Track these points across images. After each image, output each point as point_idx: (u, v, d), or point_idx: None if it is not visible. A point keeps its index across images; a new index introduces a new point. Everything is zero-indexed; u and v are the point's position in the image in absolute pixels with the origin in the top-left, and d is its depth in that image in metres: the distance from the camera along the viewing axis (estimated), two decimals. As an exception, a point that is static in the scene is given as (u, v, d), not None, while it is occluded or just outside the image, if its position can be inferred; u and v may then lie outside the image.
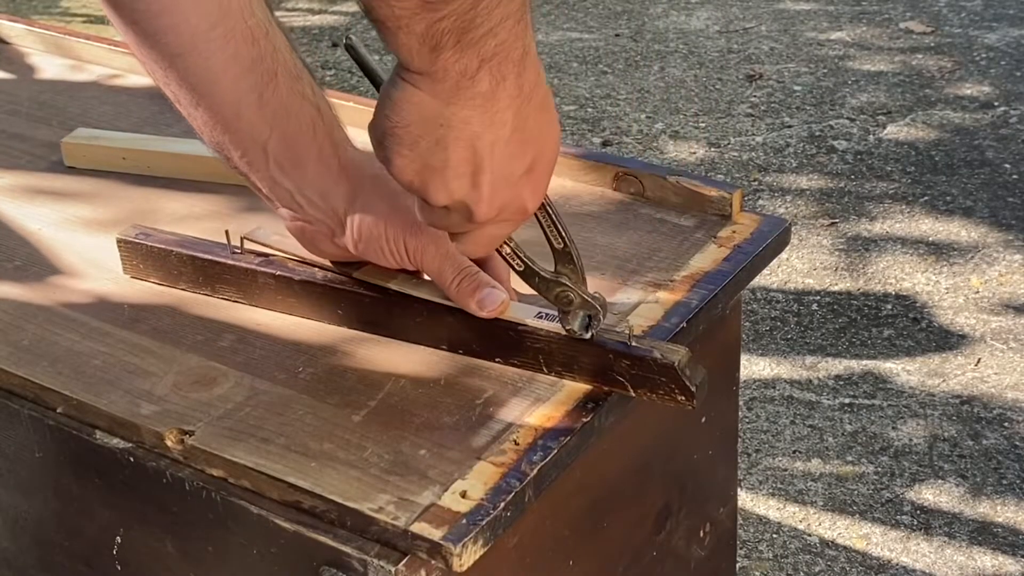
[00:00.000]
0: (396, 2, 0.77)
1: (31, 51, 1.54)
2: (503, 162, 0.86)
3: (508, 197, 0.88)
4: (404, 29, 0.79)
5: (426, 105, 0.83)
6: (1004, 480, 2.15)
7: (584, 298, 0.92)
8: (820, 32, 3.80)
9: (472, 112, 0.83)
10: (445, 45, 0.79)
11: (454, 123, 0.83)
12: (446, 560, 0.81)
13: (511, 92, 0.83)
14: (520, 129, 0.85)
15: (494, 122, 0.83)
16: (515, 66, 0.82)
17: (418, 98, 0.83)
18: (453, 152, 0.84)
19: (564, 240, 0.93)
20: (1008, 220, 2.84)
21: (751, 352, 2.48)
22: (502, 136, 0.84)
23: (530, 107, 0.85)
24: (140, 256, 1.08)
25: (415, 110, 0.83)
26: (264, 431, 0.91)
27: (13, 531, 1.05)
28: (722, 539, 1.21)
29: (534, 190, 0.89)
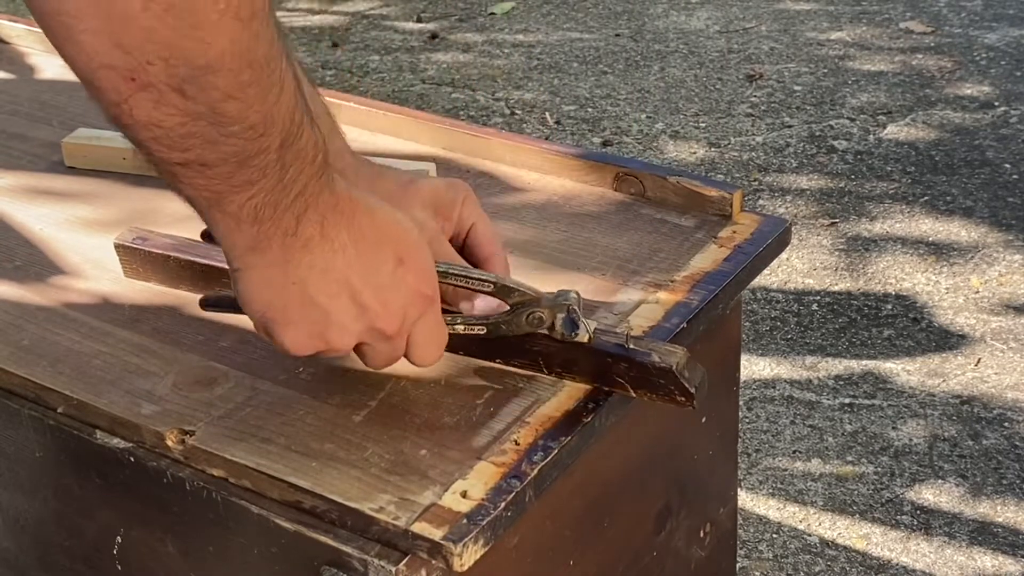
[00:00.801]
0: (201, 184, 0.78)
1: (31, 51, 1.54)
2: (371, 272, 0.86)
3: (402, 297, 0.88)
4: (216, 208, 0.79)
5: (271, 279, 0.83)
6: (1004, 480, 2.15)
7: (550, 306, 0.92)
8: (820, 32, 3.80)
9: (311, 256, 0.83)
10: (261, 218, 0.80)
11: (303, 274, 0.83)
12: (447, 560, 0.81)
13: (334, 221, 0.83)
14: (361, 240, 0.85)
15: (335, 251, 0.84)
16: (327, 203, 0.83)
17: (258, 276, 0.83)
18: (322, 299, 0.84)
19: (488, 280, 0.92)
20: (1008, 220, 2.84)
21: (751, 352, 2.48)
22: (351, 257, 0.85)
23: (359, 219, 0.85)
24: (138, 260, 1.08)
25: (265, 289, 0.84)
26: (265, 431, 0.91)
27: (13, 531, 1.05)
28: (722, 539, 1.21)
29: (418, 275, 0.88)
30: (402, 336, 0.89)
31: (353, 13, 4.14)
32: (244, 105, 0.74)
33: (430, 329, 0.90)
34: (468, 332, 0.93)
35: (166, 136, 0.74)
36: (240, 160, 0.76)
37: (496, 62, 3.73)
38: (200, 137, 0.74)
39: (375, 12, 4.14)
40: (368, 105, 1.33)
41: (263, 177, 0.78)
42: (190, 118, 0.73)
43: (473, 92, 3.56)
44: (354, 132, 1.31)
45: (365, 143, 1.30)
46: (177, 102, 0.72)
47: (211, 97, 0.72)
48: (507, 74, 3.66)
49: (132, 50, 0.69)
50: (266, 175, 0.78)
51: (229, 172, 0.77)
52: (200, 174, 0.77)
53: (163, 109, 0.72)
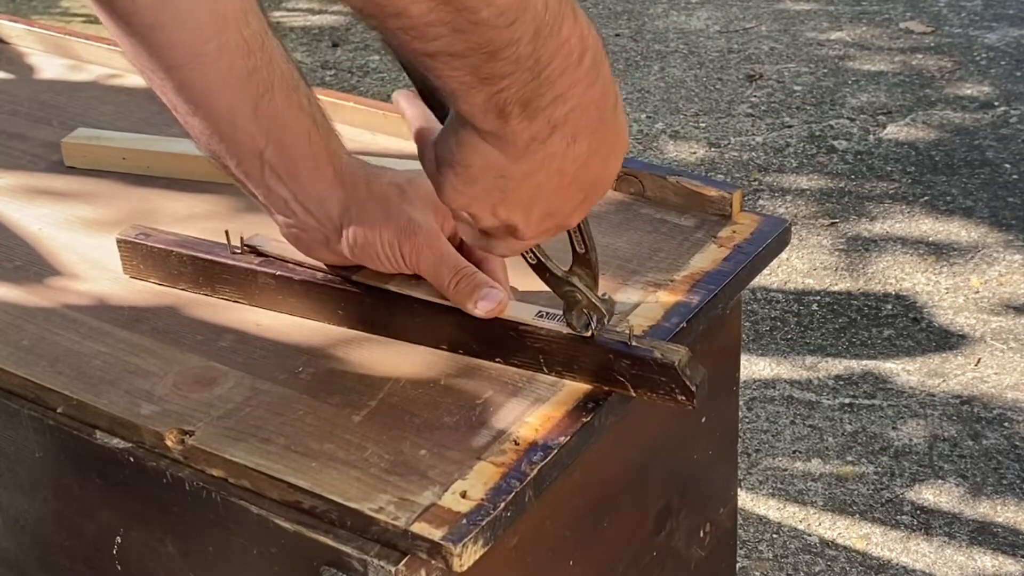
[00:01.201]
0: (450, 76, 0.74)
1: (31, 51, 1.54)
2: (559, 204, 0.84)
3: (555, 223, 0.87)
4: (463, 98, 0.76)
5: (491, 156, 0.79)
6: (1004, 480, 2.15)
7: (591, 300, 0.92)
8: (820, 32, 3.80)
9: (537, 168, 0.80)
10: (511, 113, 0.76)
11: (516, 176, 0.80)
12: (446, 560, 0.81)
13: (581, 151, 0.80)
14: (580, 177, 0.82)
15: (558, 174, 0.81)
16: (590, 125, 0.79)
17: (484, 149, 0.79)
18: (511, 196, 0.82)
19: (586, 246, 0.92)
20: (1008, 220, 2.84)
21: (751, 352, 2.48)
22: (563, 184, 0.82)
23: (596, 158, 0.82)
24: (140, 256, 1.08)
25: (479, 158, 0.80)
26: (264, 431, 0.91)
27: (13, 531, 1.05)
28: (722, 539, 1.21)
29: (580, 214, 0.87)
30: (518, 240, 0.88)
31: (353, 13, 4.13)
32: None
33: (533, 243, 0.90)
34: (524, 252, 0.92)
35: (412, 26, 0.70)
36: (490, 51, 0.71)
37: (496, 62, 3.73)
38: (448, 24, 0.70)
39: (375, 12, 4.14)
40: (368, 105, 1.33)
41: (515, 70, 0.72)
42: (436, 2, 0.69)
43: (473, 92, 3.56)
44: (354, 132, 1.31)
45: (365, 143, 1.30)
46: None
47: None
48: (507, 74, 3.66)
49: None
50: (518, 68, 0.72)
51: (478, 63, 0.72)
52: (448, 64, 0.72)
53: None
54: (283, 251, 1.03)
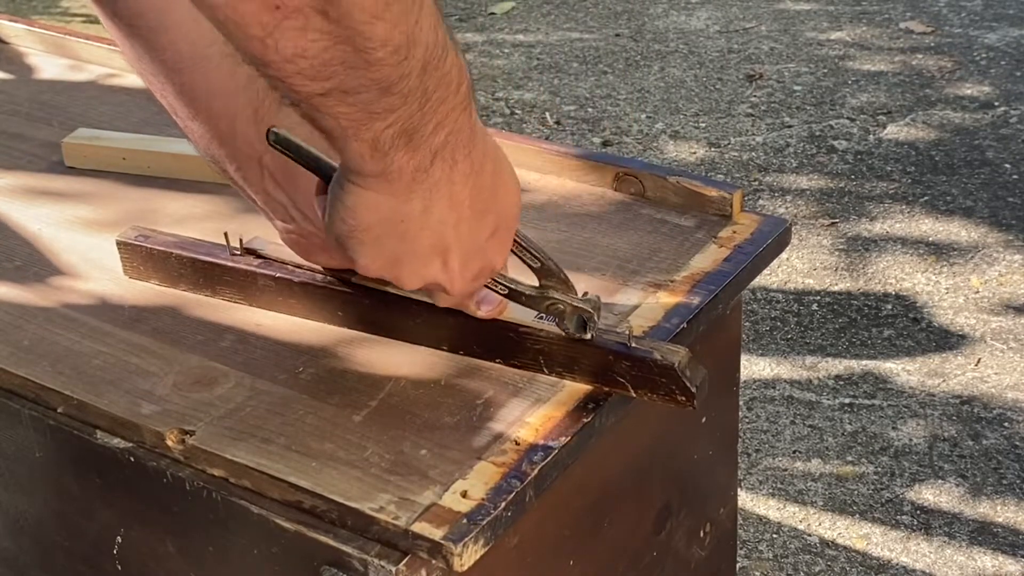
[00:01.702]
0: (341, 113, 0.76)
1: (31, 51, 1.54)
2: (468, 239, 0.86)
3: (479, 266, 0.88)
4: (353, 136, 0.77)
5: (383, 205, 0.82)
6: (1004, 480, 2.15)
7: (573, 305, 0.92)
8: (820, 32, 3.80)
9: (430, 201, 0.82)
10: (397, 147, 0.78)
11: (414, 216, 0.82)
12: (447, 560, 0.81)
13: (464, 171, 0.82)
14: (476, 201, 0.84)
15: (452, 204, 0.83)
16: (465, 146, 0.82)
17: (374, 200, 0.82)
18: (419, 243, 0.84)
19: (539, 259, 0.93)
20: (1008, 220, 2.84)
21: (751, 352, 2.48)
22: (463, 215, 0.84)
23: (483, 178, 0.84)
24: (140, 258, 1.08)
25: (373, 213, 0.82)
26: (265, 431, 0.91)
27: (13, 531, 1.05)
28: (722, 539, 1.21)
29: (501, 249, 0.89)
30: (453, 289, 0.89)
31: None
32: (388, 25, 0.71)
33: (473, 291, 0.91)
34: (492, 287, 0.93)
35: (309, 67, 0.72)
36: (383, 87, 0.74)
37: (496, 62, 3.73)
38: (344, 63, 0.72)
39: (375, 12, 4.14)
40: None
41: (404, 104, 0.76)
42: (334, 42, 0.71)
43: (473, 92, 3.56)
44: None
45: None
46: (322, 26, 0.70)
47: (355, 19, 0.70)
48: (507, 74, 3.66)
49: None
50: (407, 101, 0.76)
51: (370, 99, 0.75)
52: (341, 102, 0.75)
53: (308, 36, 0.70)
54: (282, 253, 1.03)
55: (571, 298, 0.93)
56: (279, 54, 0.71)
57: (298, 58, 0.71)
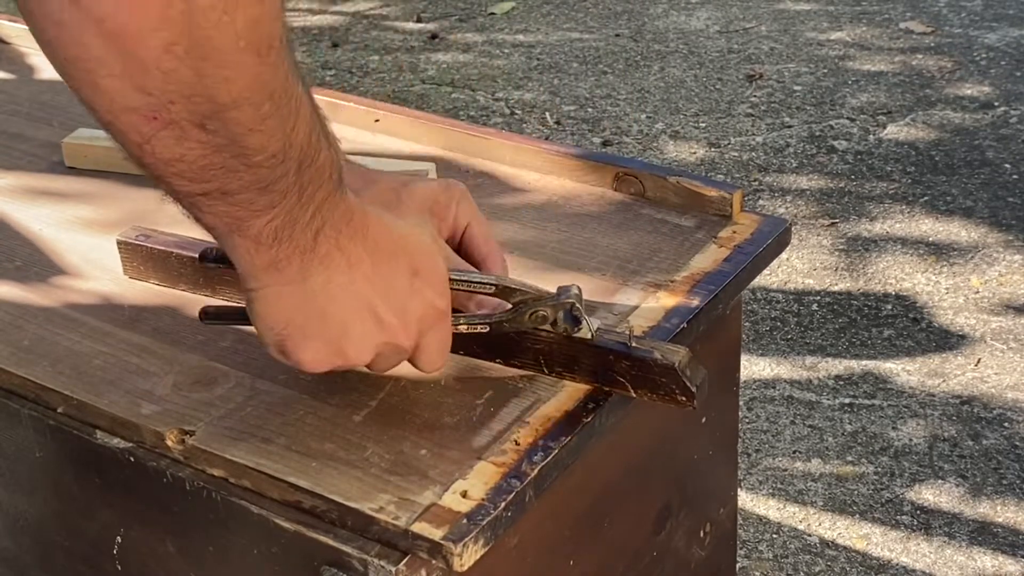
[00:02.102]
0: (222, 211, 0.78)
1: (31, 51, 1.54)
2: (387, 289, 0.86)
3: (419, 309, 0.88)
4: (236, 232, 0.80)
5: (287, 296, 0.83)
6: (1004, 480, 2.15)
7: (553, 304, 0.92)
8: (820, 32, 3.80)
9: (328, 273, 0.83)
10: (280, 239, 0.80)
11: (319, 290, 0.84)
12: (447, 560, 0.81)
13: (349, 235, 0.84)
14: (376, 252, 0.85)
15: (352, 264, 0.84)
16: (343, 217, 0.83)
17: (275, 295, 0.83)
18: (341, 313, 0.85)
19: (490, 283, 0.93)
20: (1008, 220, 2.84)
21: (751, 352, 2.48)
22: (368, 270, 0.85)
23: (371, 233, 0.85)
24: (140, 258, 1.08)
25: (282, 307, 0.84)
26: (265, 431, 0.91)
27: (13, 531, 1.05)
28: (722, 539, 1.21)
29: (434, 287, 0.89)
30: (414, 346, 0.90)
31: (353, 13, 4.14)
32: (265, 136, 0.75)
33: (440, 339, 0.91)
34: (472, 331, 0.94)
35: (188, 170, 0.75)
36: (261, 187, 0.77)
37: (496, 62, 3.73)
38: (222, 168, 0.75)
39: (375, 12, 4.14)
40: (368, 105, 1.33)
41: (283, 199, 0.79)
42: (212, 150, 0.74)
43: (473, 92, 3.56)
44: (354, 132, 1.31)
45: (365, 143, 1.30)
46: (200, 137, 0.73)
47: (233, 131, 0.73)
48: (507, 74, 3.66)
49: (154, 91, 0.70)
50: (286, 197, 0.79)
51: (251, 198, 0.78)
52: (221, 201, 0.78)
53: (185, 144, 0.73)
54: None
55: (547, 300, 0.92)
56: (156, 158, 0.74)
57: (176, 162, 0.74)
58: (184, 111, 0.71)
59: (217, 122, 0.72)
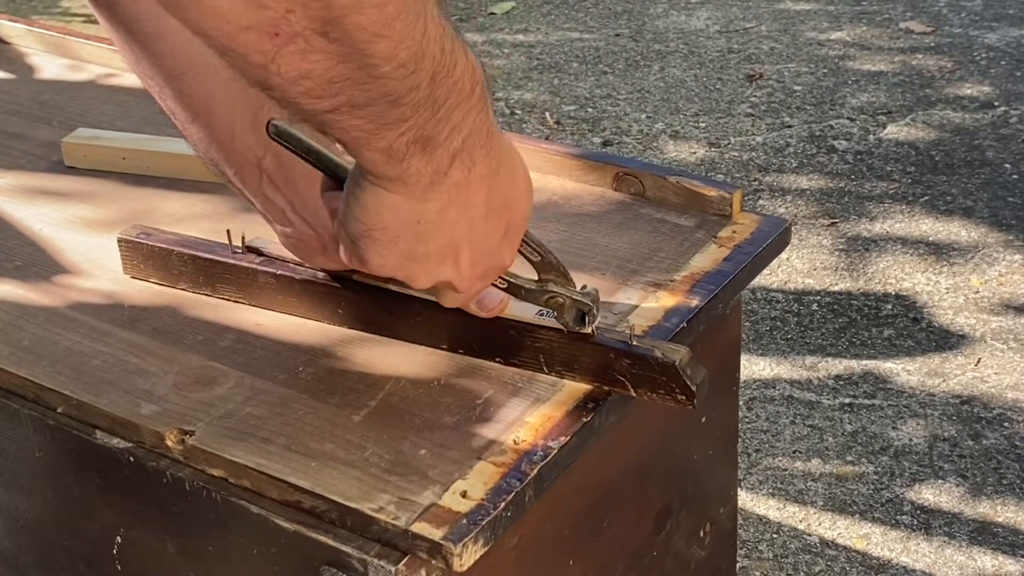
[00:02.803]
0: (352, 125, 0.75)
1: (31, 51, 1.54)
2: (481, 239, 0.86)
3: (488, 264, 0.89)
4: (366, 146, 0.77)
5: (401, 207, 0.82)
6: (1004, 480, 2.15)
7: (573, 298, 0.93)
8: (820, 32, 3.80)
9: (447, 202, 0.82)
10: (413, 153, 0.78)
11: (431, 217, 0.82)
12: (446, 560, 0.81)
13: (481, 173, 0.82)
14: (492, 202, 0.85)
15: (469, 205, 0.83)
16: (483, 147, 0.82)
17: (392, 200, 0.81)
18: (434, 243, 0.84)
19: (540, 253, 0.93)
20: (1008, 220, 2.84)
21: (751, 352, 2.48)
22: (478, 216, 0.84)
23: (499, 179, 0.84)
24: (141, 256, 1.08)
25: (390, 213, 0.82)
26: (264, 431, 0.91)
27: (13, 531, 1.05)
28: (722, 539, 1.21)
29: (511, 248, 0.89)
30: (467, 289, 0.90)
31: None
32: (392, 42, 0.71)
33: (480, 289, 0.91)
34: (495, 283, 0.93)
35: (315, 86, 0.72)
36: (392, 100, 0.74)
37: (496, 62, 3.73)
38: (350, 80, 0.72)
39: (375, 12, 4.14)
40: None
41: (415, 114, 0.75)
42: (338, 61, 0.70)
43: (473, 92, 3.56)
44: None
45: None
46: (324, 47, 0.69)
47: (357, 38, 0.69)
48: (507, 74, 3.66)
49: (270, 3, 0.67)
50: (418, 111, 0.75)
51: (380, 112, 0.74)
52: (350, 115, 0.74)
53: (311, 58, 0.69)
54: (283, 252, 1.03)
55: (570, 291, 0.93)
56: (283, 77, 0.71)
57: (303, 79, 0.71)
58: (304, 19, 0.67)
59: (340, 29, 0.68)
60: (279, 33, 0.68)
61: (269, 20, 0.67)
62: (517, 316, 0.95)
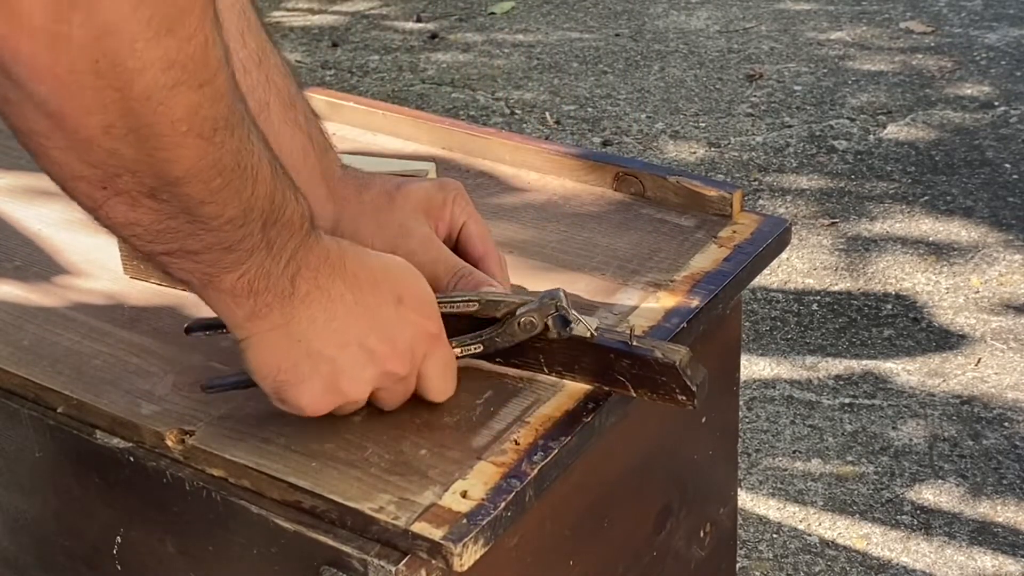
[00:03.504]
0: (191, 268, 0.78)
1: (31, 51, 1.54)
2: (373, 318, 0.86)
3: (408, 335, 0.88)
4: (209, 287, 0.80)
5: (274, 341, 0.83)
6: (1004, 480, 2.15)
7: (538, 307, 0.92)
8: (820, 32, 3.80)
9: (311, 310, 0.83)
10: (256, 290, 0.80)
11: (306, 329, 0.83)
12: (446, 560, 0.81)
13: (328, 273, 0.83)
14: (357, 286, 0.85)
15: (333, 300, 0.84)
16: (319, 258, 0.83)
17: (262, 342, 0.83)
18: (330, 350, 0.85)
19: (471, 300, 0.93)
20: (1008, 220, 2.84)
21: (751, 352, 2.48)
22: (351, 303, 0.85)
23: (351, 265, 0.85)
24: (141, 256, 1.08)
25: (271, 353, 0.84)
26: (264, 431, 0.91)
27: (13, 531, 1.05)
28: (722, 539, 1.21)
29: (420, 311, 0.88)
30: (414, 374, 0.90)
31: (353, 13, 4.14)
32: (219, 206, 0.74)
33: (441, 362, 0.91)
34: (465, 353, 0.93)
35: (145, 232, 0.75)
36: (225, 247, 0.77)
37: (496, 62, 3.73)
38: (181, 232, 0.75)
39: (375, 12, 4.14)
40: (368, 105, 1.33)
41: (251, 256, 0.79)
42: (166, 216, 0.74)
43: (473, 92, 3.56)
44: (354, 132, 1.31)
45: (365, 143, 1.30)
46: (151, 205, 0.73)
47: (185, 203, 0.73)
48: (507, 74, 3.66)
49: (99, 165, 0.70)
50: (253, 254, 0.79)
51: (216, 258, 0.78)
52: (187, 260, 0.78)
53: (139, 211, 0.73)
54: None
55: (531, 306, 0.92)
56: (112, 222, 0.74)
57: (132, 226, 0.74)
58: (132, 183, 0.71)
59: (167, 194, 0.72)
60: (106, 187, 0.71)
61: (98, 176, 0.71)
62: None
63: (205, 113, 0.70)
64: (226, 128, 0.72)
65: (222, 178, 0.73)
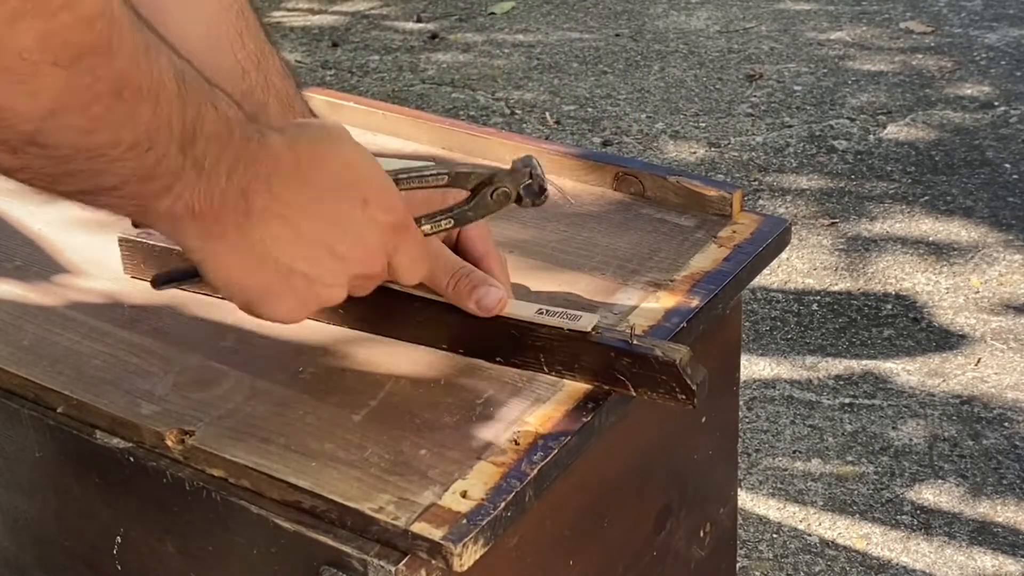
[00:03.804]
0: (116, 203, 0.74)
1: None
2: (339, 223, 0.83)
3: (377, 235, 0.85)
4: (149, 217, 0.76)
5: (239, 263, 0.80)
6: (1004, 480, 2.15)
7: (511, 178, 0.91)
8: (820, 32, 3.80)
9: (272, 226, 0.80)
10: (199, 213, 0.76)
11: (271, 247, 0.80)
12: (446, 560, 0.81)
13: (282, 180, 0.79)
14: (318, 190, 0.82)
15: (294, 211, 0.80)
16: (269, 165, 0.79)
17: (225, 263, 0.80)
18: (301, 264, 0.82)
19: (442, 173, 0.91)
20: (1008, 220, 2.84)
21: (751, 352, 2.48)
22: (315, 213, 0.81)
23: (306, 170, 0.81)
24: (141, 255, 1.08)
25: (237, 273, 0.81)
26: (264, 431, 0.91)
27: (13, 531, 1.05)
28: (722, 539, 1.21)
29: (387, 208, 0.85)
30: (386, 268, 0.88)
31: (353, 13, 4.14)
32: (111, 133, 0.70)
33: (411, 251, 0.88)
34: (437, 230, 0.92)
35: (40, 177, 0.71)
36: (141, 177, 0.73)
37: (496, 62, 3.73)
38: (83, 171, 0.71)
39: (375, 12, 4.14)
40: (368, 105, 1.33)
41: (179, 180, 0.74)
42: (55, 161, 0.69)
43: (473, 92, 3.56)
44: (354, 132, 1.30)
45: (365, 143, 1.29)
46: (34, 151, 0.68)
47: (68, 138, 0.69)
48: (507, 74, 3.66)
49: None
50: (181, 177, 0.74)
51: (136, 190, 0.73)
52: (108, 195, 0.73)
53: (23, 157, 0.69)
54: None
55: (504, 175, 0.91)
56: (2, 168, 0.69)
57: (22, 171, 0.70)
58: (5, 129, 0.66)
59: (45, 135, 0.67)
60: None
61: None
62: (517, 315, 0.95)
63: (63, 40, 0.65)
64: (100, 53, 0.67)
65: (101, 104, 0.68)
